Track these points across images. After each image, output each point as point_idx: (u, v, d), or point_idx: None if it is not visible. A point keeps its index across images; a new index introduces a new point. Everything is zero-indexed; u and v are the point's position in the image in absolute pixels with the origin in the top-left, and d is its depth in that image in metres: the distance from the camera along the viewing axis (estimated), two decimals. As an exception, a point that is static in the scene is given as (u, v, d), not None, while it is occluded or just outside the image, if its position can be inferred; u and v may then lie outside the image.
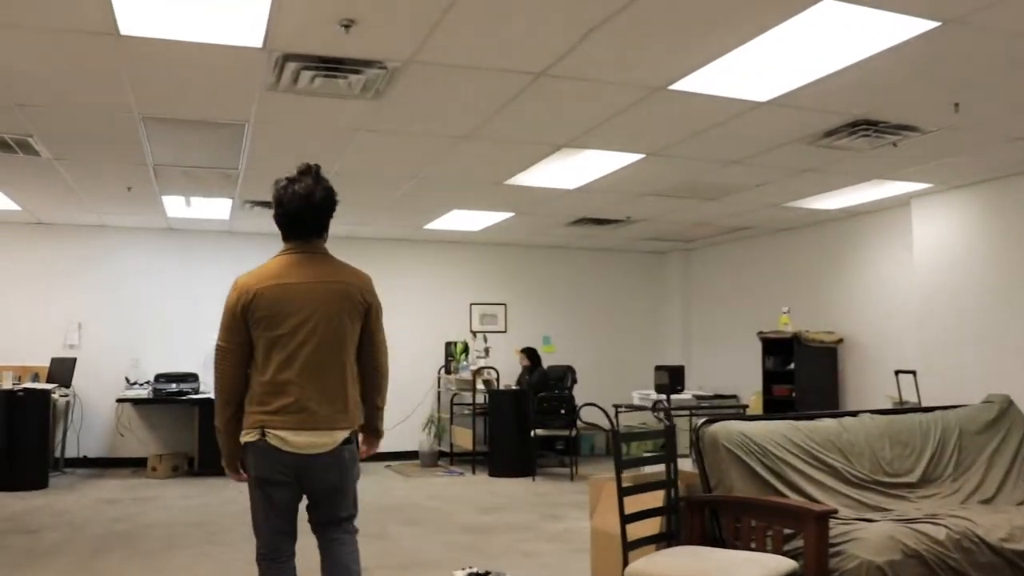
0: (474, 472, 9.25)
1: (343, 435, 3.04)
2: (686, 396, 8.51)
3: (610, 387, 10.57)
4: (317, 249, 3.13)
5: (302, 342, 2.98)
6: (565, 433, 8.97)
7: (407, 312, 10.49)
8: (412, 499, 7.65)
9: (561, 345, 11.15)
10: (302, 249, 3.10)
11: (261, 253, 3.55)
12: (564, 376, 10.03)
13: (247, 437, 3.01)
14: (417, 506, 7.30)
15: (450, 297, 10.82)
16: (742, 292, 10.58)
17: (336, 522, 3.14)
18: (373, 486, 8.36)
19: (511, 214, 8.75)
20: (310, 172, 3.12)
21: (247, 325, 3.01)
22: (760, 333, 9.26)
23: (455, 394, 9.94)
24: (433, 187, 7.46)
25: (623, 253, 11.67)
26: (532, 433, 8.82)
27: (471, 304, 10.88)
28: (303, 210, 3.07)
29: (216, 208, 8.48)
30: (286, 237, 3.15)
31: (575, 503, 7.40)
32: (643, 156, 6.36)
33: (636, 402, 8.41)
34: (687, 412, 8.21)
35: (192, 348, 9.44)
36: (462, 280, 10.90)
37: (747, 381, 10.01)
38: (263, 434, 2.96)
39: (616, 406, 8.52)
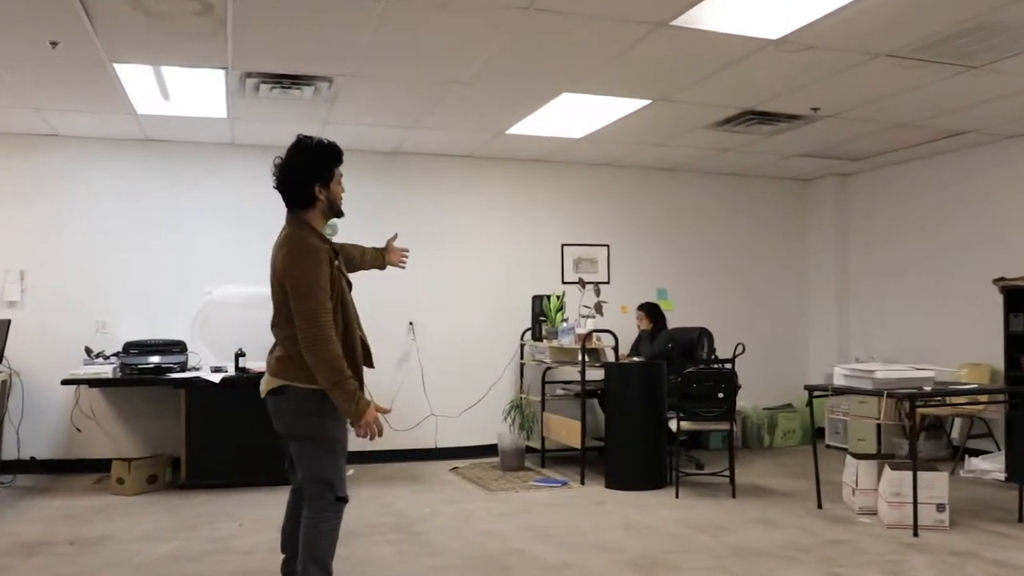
0: (583, 481, 6.43)
1: (272, 385, 3.16)
2: (888, 370, 5.53)
3: (756, 359, 7.71)
4: (288, 218, 3.25)
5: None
6: (722, 427, 6.14)
7: (472, 256, 7.69)
8: (511, 539, 4.83)
9: (679, 300, 8.30)
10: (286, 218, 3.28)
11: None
12: (697, 342, 7.19)
13: None
14: (526, 557, 4.48)
15: (535, 236, 7.93)
16: (936, 228, 7.66)
17: (300, 490, 3.26)
18: (444, 508, 5.56)
19: (646, 102, 5.84)
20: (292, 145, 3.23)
21: None
22: (1001, 280, 6.34)
23: (548, 368, 7.10)
24: (545, 42, 4.56)
25: (756, 180, 8.73)
26: (677, 425, 5.98)
27: (563, 245, 8.00)
28: (276, 183, 3.21)
29: (206, 96, 5.69)
30: None
31: (777, 546, 4.56)
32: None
33: (839, 381, 5.53)
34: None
35: (179, 306, 6.70)
36: (551, 214, 8.00)
37: (942, 348, 7.28)
38: None
39: (810, 388, 5.65)
